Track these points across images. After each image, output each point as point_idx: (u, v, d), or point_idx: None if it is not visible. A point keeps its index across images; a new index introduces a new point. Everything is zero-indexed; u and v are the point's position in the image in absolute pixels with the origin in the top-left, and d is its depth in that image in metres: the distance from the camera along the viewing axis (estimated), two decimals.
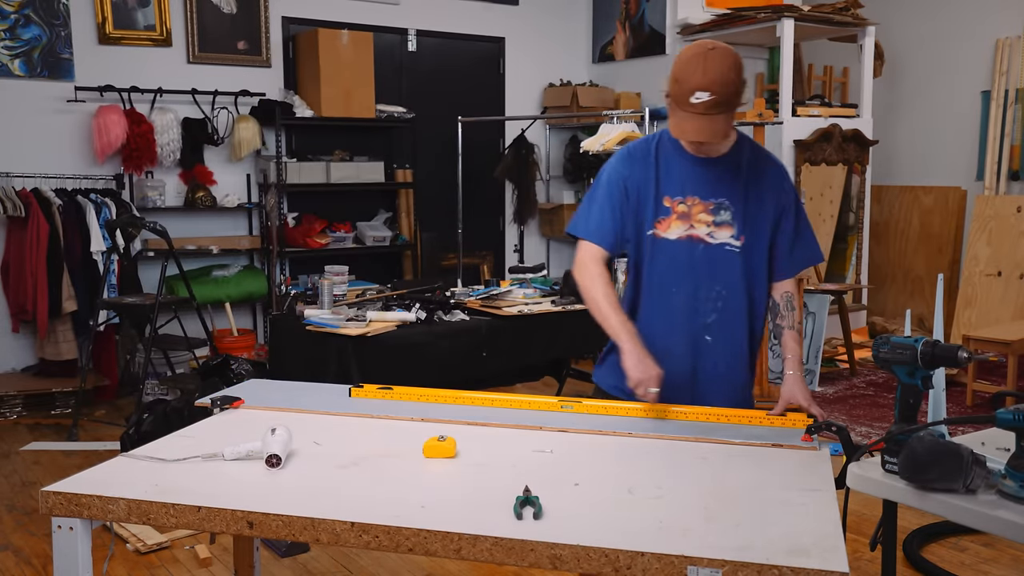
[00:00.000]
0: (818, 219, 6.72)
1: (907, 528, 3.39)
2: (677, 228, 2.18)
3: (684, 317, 2.19)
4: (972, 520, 1.60)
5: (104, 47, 5.69)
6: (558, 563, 1.43)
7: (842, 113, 6.57)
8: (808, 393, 2.14)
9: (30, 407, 5.21)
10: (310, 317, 4.42)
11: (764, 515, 1.54)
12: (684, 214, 2.17)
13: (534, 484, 1.61)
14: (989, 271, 6.06)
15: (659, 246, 2.19)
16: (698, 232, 2.17)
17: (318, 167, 6.21)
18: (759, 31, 6.48)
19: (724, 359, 2.22)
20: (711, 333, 2.20)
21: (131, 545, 3.38)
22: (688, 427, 2.05)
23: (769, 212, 2.19)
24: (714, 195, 2.17)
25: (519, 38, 7.39)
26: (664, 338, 2.19)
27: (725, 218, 2.16)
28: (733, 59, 2.02)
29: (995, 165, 6.66)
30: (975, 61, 6.84)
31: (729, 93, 2.00)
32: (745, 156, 2.19)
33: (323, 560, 3.28)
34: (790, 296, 2.25)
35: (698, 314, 2.19)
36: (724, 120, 2.04)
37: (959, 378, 5.34)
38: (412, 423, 2.09)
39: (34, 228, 5.13)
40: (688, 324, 2.19)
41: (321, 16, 6.45)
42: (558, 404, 2.18)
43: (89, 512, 1.62)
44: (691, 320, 2.19)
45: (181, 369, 5.63)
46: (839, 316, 5.96)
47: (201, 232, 6.02)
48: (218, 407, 2.19)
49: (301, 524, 1.53)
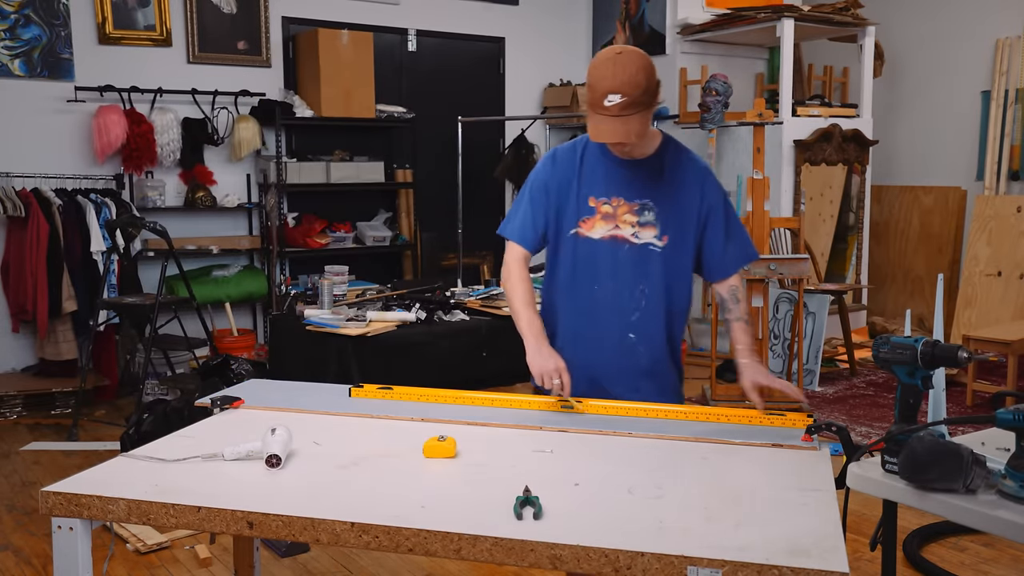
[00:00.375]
0: (818, 219, 6.72)
1: (907, 528, 3.39)
2: (601, 228, 2.24)
3: (609, 315, 2.26)
4: (972, 520, 1.60)
5: (104, 47, 5.69)
6: (558, 563, 1.43)
7: (842, 113, 6.57)
8: (767, 372, 2.19)
9: (30, 407, 5.21)
10: (310, 317, 4.42)
11: (764, 515, 1.54)
12: (609, 215, 2.24)
13: (534, 484, 1.61)
14: (989, 271, 6.06)
15: (582, 245, 2.25)
16: (623, 232, 2.23)
17: (318, 167, 6.21)
18: (759, 31, 6.48)
19: (649, 356, 2.28)
20: (635, 331, 2.26)
21: (131, 545, 3.38)
22: (688, 427, 2.05)
23: (693, 213, 2.25)
24: (639, 196, 2.23)
25: (519, 38, 7.39)
26: (589, 336, 2.26)
27: (649, 219, 2.23)
28: (642, 61, 2.09)
29: (995, 165, 6.66)
30: (975, 61, 6.84)
31: (639, 94, 2.06)
32: (668, 157, 2.25)
33: (323, 560, 3.29)
34: (735, 289, 2.30)
35: (622, 312, 2.25)
36: (638, 121, 2.08)
37: (959, 378, 5.33)
38: (412, 423, 2.09)
39: (34, 228, 5.13)
40: (612, 322, 2.26)
41: (321, 16, 6.45)
42: (558, 404, 2.18)
43: (89, 512, 1.62)
44: (615, 318, 2.26)
45: (181, 369, 5.63)
46: (839, 316, 5.96)
47: (201, 232, 6.02)
48: (218, 407, 2.19)
49: (301, 524, 1.53)
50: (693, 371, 6.15)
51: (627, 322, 2.25)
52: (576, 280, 2.27)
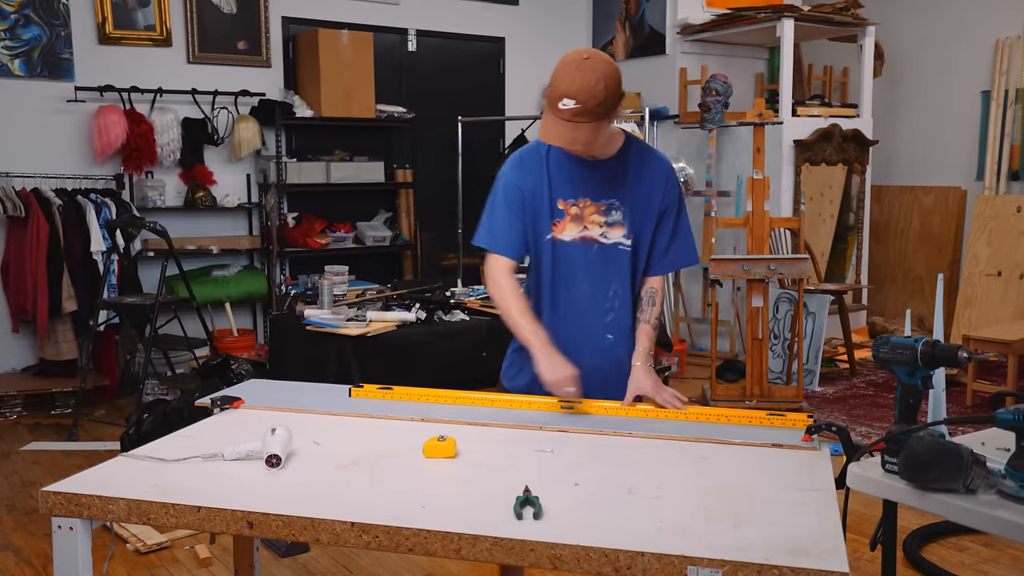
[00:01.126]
0: (818, 219, 6.72)
1: (907, 528, 3.40)
2: (572, 230, 2.24)
3: (586, 317, 2.26)
4: (972, 520, 1.60)
5: (104, 47, 5.70)
6: (558, 563, 1.43)
7: (842, 113, 6.57)
8: (656, 381, 2.19)
9: (30, 407, 5.21)
10: (310, 317, 4.42)
11: (764, 515, 1.54)
12: (577, 216, 2.24)
13: (534, 484, 1.61)
14: (989, 271, 6.06)
15: (557, 248, 2.25)
16: (592, 233, 2.23)
17: (318, 167, 6.21)
18: (759, 31, 6.48)
19: (627, 355, 2.27)
20: (611, 331, 2.27)
21: (131, 545, 3.38)
22: (688, 427, 2.05)
23: (655, 210, 2.25)
24: (605, 196, 2.23)
25: (519, 38, 7.39)
26: (569, 339, 2.24)
27: (617, 218, 2.23)
28: (605, 71, 2.03)
29: (995, 165, 6.66)
30: (975, 61, 6.84)
31: (595, 104, 2.02)
32: (632, 156, 2.25)
33: (323, 560, 3.29)
34: (654, 293, 2.31)
35: (597, 313, 2.26)
36: (588, 130, 2.06)
37: (959, 378, 5.34)
38: (412, 423, 2.09)
39: (34, 228, 5.13)
40: (590, 324, 2.27)
41: (321, 16, 6.45)
42: (558, 404, 2.18)
43: (89, 512, 1.62)
44: (592, 320, 2.27)
45: (181, 369, 5.63)
46: (839, 316, 5.96)
47: (201, 232, 6.02)
48: (218, 407, 2.19)
49: (301, 524, 1.53)
50: (693, 371, 6.15)
51: (604, 323, 2.26)
52: (556, 284, 2.27)
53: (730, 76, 6.13)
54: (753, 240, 5.12)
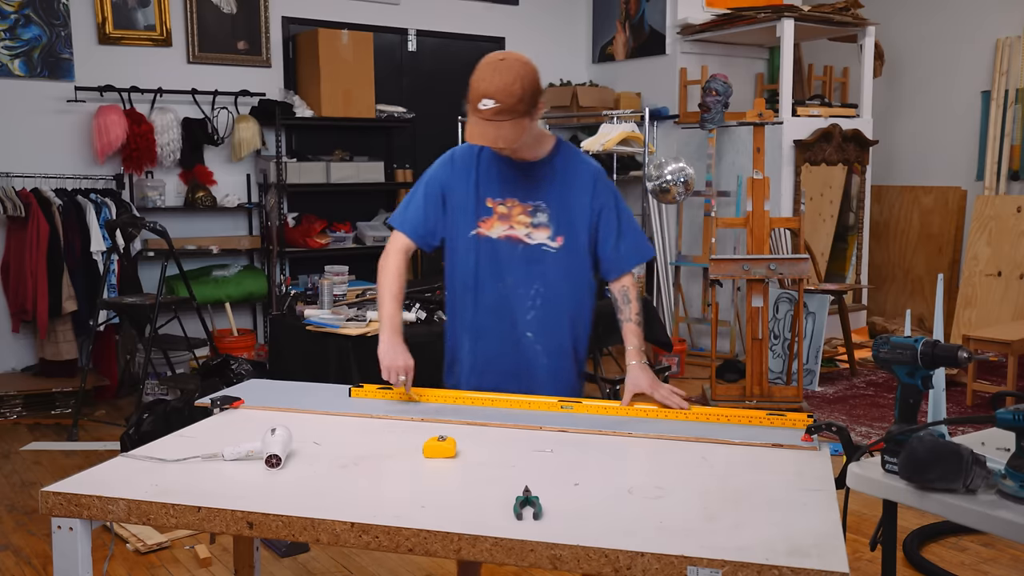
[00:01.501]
0: (818, 219, 6.72)
1: (907, 528, 3.39)
2: (498, 228, 2.30)
3: (505, 313, 2.31)
4: (972, 520, 1.60)
5: (104, 47, 5.70)
6: (558, 563, 1.43)
7: (842, 113, 6.57)
8: (652, 379, 2.21)
9: (30, 407, 5.21)
10: (310, 317, 4.42)
11: (764, 515, 1.54)
12: (504, 215, 2.29)
13: (534, 484, 1.61)
14: (989, 271, 6.06)
15: (484, 244, 2.30)
16: (517, 233, 2.29)
17: (318, 167, 6.21)
18: (759, 31, 6.48)
19: (547, 355, 2.32)
20: (531, 330, 2.31)
21: (131, 545, 3.38)
22: (688, 427, 2.05)
23: (585, 214, 2.29)
24: (532, 198, 2.29)
25: (519, 38, 7.39)
26: (492, 333, 2.31)
27: (542, 220, 2.28)
28: (522, 70, 2.12)
29: (995, 165, 6.66)
30: (975, 61, 6.84)
31: (514, 102, 2.09)
32: (560, 160, 2.30)
33: (323, 560, 3.29)
34: (626, 290, 2.34)
35: (517, 311, 2.30)
36: (510, 127, 2.12)
37: (959, 378, 5.34)
38: (412, 423, 2.09)
39: (34, 228, 5.13)
40: (508, 320, 2.31)
41: (321, 16, 6.45)
42: (558, 404, 2.18)
43: (89, 512, 1.62)
44: (511, 317, 2.31)
45: (181, 369, 5.63)
46: (839, 316, 5.96)
47: (201, 232, 6.02)
48: (218, 407, 2.19)
49: (301, 524, 1.53)
50: (693, 371, 6.15)
51: (524, 320, 2.30)
52: (479, 278, 2.32)
53: (730, 76, 6.13)
54: (753, 240, 5.12)
